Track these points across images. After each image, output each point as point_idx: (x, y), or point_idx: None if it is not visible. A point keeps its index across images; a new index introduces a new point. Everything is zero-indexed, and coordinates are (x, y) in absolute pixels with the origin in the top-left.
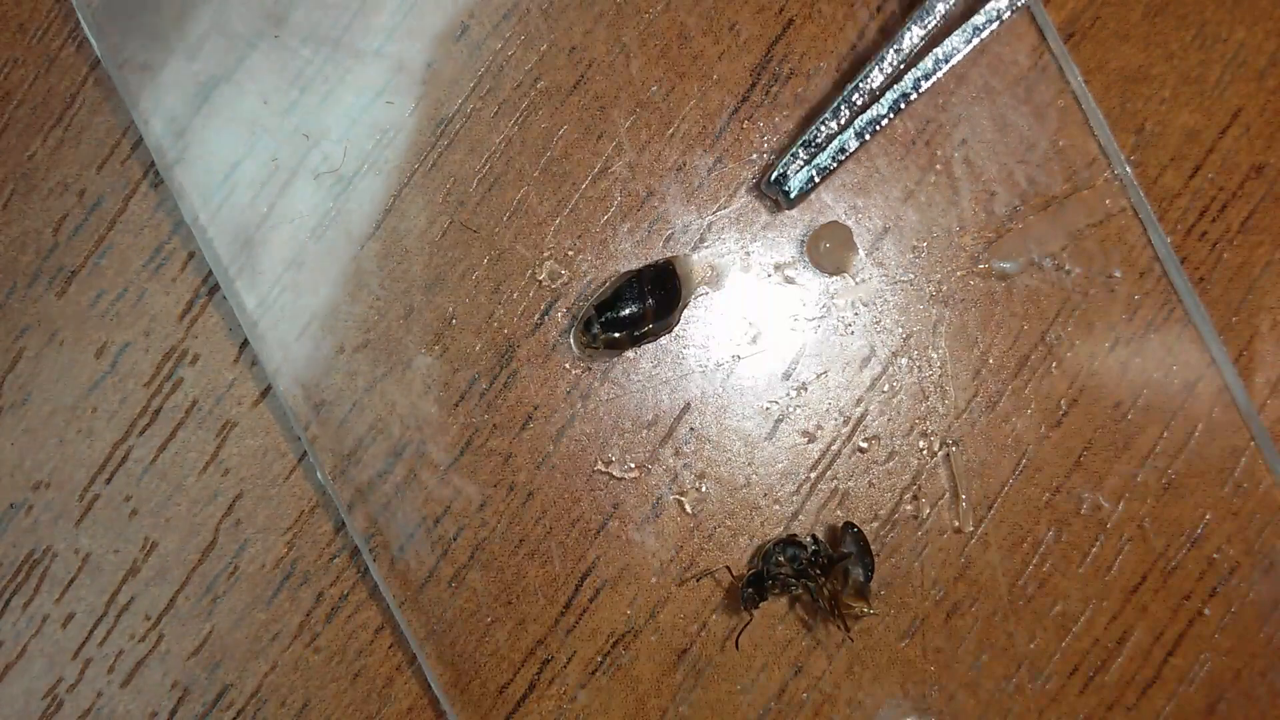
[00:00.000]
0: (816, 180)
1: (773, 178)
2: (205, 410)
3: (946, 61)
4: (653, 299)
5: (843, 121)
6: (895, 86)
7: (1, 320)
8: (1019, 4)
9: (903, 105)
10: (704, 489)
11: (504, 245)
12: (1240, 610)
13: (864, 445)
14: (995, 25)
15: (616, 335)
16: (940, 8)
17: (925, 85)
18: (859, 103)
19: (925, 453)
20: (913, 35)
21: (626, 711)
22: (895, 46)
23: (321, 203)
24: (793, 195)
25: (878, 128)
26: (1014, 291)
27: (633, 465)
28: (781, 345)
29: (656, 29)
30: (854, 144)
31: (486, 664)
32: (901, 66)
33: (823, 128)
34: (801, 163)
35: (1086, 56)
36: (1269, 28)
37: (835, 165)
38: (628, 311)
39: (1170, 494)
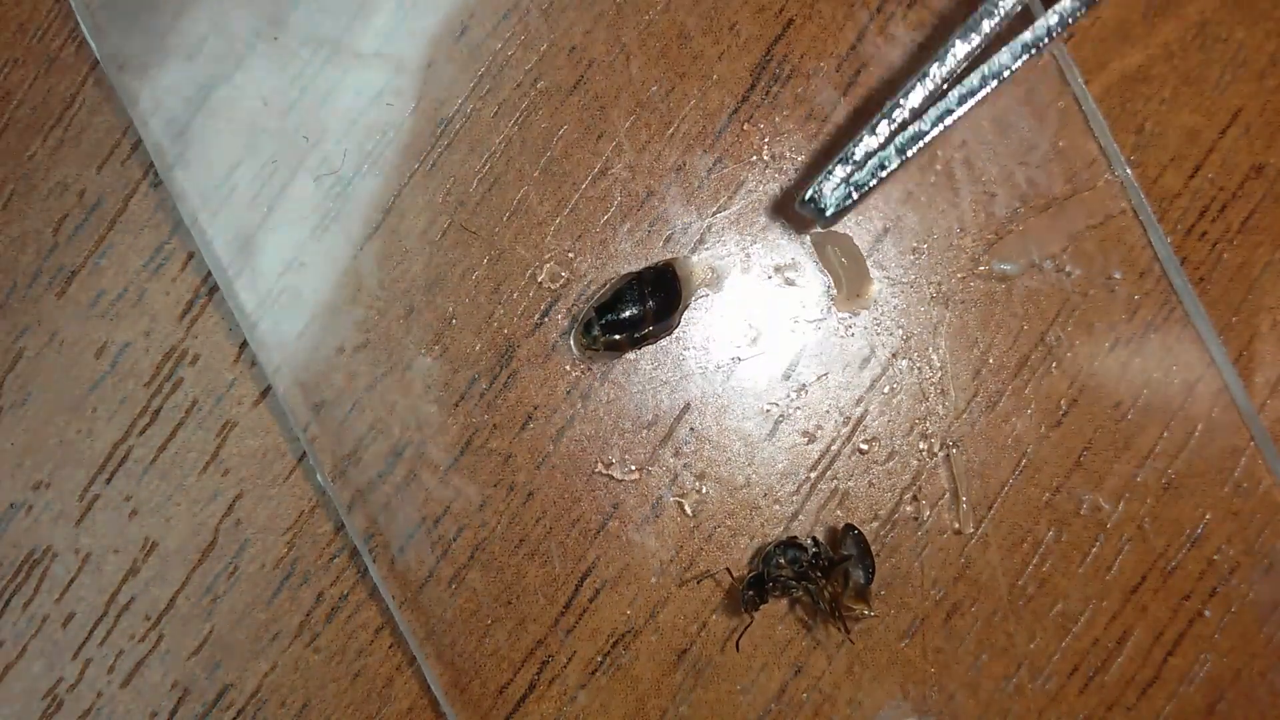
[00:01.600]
0: (855, 198)
1: (806, 196)
2: (205, 410)
3: (995, 78)
4: (653, 301)
5: (883, 139)
6: (939, 104)
7: (1, 320)
8: (1070, 20)
9: (947, 121)
10: (704, 490)
11: (504, 246)
12: (1240, 610)
13: (864, 446)
14: (1046, 41)
15: (616, 337)
16: (986, 25)
17: (971, 101)
18: (900, 119)
19: (925, 453)
20: (957, 52)
21: (626, 711)
22: (938, 62)
23: (321, 203)
24: (829, 214)
25: (921, 144)
26: (1014, 292)
27: (633, 466)
28: (781, 346)
29: (656, 29)
30: (895, 161)
31: (486, 664)
32: (944, 84)
33: (861, 144)
34: (838, 180)
35: (1086, 56)
36: (1269, 28)
37: (876, 183)
38: (628, 313)
39: (1170, 494)
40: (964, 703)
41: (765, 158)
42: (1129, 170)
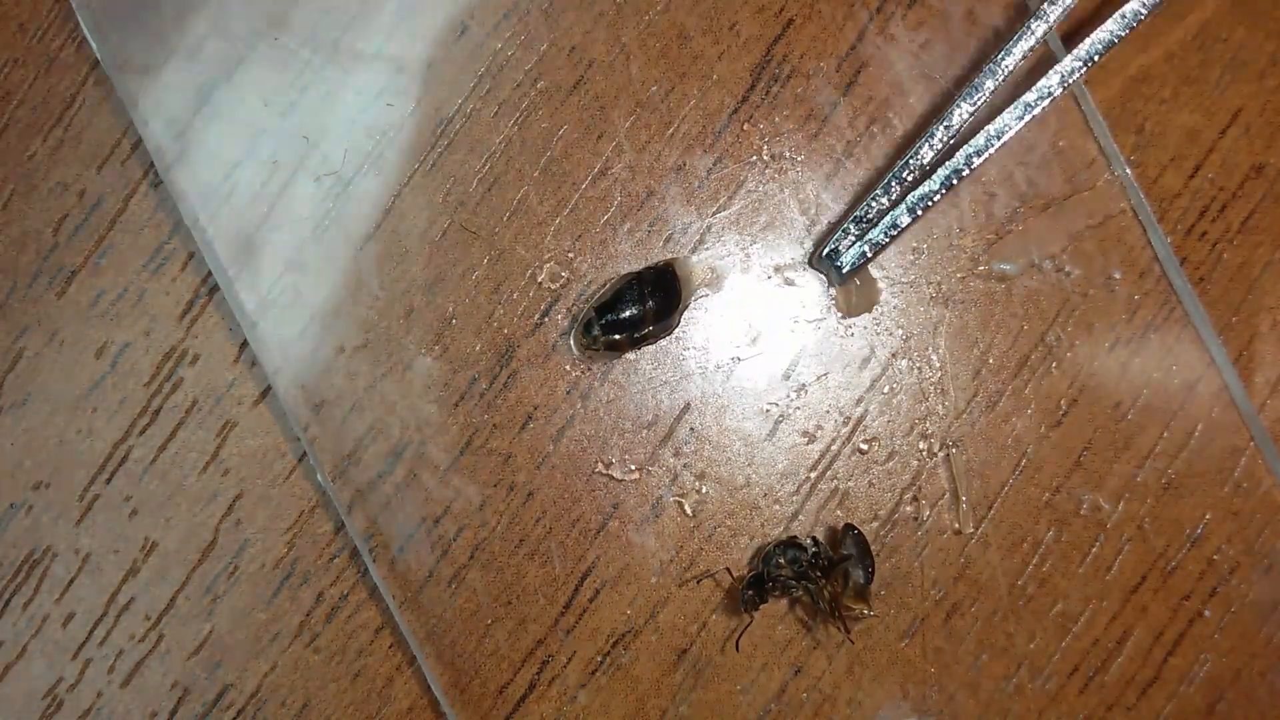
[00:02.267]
0: (869, 255)
1: (824, 253)
2: (205, 410)
3: (999, 138)
4: (653, 301)
5: (894, 197)
6: (947, 164)
7: (1, 320)
8: (1070, 81)
9: (954, 182)
10: (704, 490)
11: (504, 246)
12: (1240, 610)
13: (864, 446)
14: (1047, 103)
15: (616, 337)
16: (989, 85)
17: (977, 162)
18: (909, 179)
19: (925, 453)
20: (962, 111)
21: (626, 711)
22: (945, 123)
23: (321, 204)
24: (845, 270)
25: (930, 204)
26: (1014, 293)
27: (633, 466)
28: (781, 346)
29: (656, 29)
30: (906, 219)
31: (486, 664)
32: (951, 142)
33: (874, 203)
34: (853, 238)
35: None
36: (1269, 28)
37: (888, 240)
38: (628, 314)
39: (1170, 494)
40: (964, 703)
41: (765, 158)
42: (1129, 170)
